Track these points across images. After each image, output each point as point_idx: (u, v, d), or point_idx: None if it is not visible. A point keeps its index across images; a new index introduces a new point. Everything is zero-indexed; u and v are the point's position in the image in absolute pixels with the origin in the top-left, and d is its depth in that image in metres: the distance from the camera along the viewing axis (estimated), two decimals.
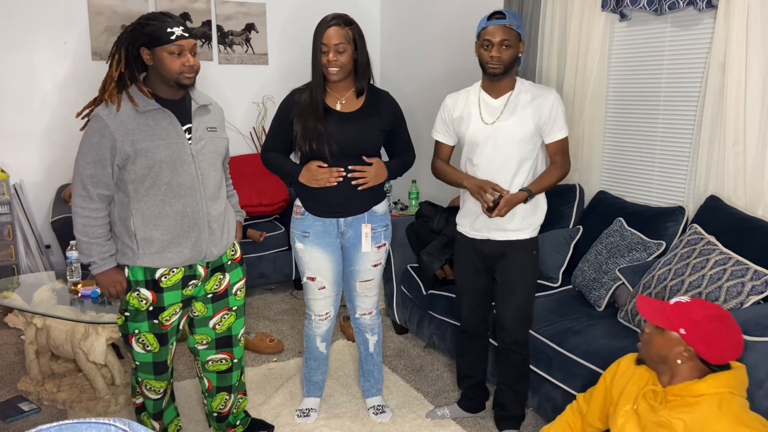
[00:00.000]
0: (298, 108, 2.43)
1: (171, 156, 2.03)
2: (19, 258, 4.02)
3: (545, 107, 2.33)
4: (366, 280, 2.60)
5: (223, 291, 2.29)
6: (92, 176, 2.01)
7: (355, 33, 2.34)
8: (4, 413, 2.79)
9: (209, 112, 2.18)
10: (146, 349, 2.18)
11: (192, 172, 2.08)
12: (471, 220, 2.48)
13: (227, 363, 2.39)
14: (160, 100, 2.05)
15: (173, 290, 2.14)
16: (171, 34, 1.96)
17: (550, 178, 2.39)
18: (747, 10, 2.53)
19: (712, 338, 1.62)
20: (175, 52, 1.97)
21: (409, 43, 4.80)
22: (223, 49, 4.65)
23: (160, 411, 2.35)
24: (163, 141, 2.02)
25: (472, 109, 2.42)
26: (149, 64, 2.00)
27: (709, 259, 2.38)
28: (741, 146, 2.62)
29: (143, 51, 1.99)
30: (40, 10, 4.06)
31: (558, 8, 3.36)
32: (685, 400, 1.63)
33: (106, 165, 2.00)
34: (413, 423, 2.72)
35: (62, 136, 4.21)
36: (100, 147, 1.98)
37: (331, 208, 2.47)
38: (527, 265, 2.45)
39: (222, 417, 2.50)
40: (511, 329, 2.48)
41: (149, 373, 2.23)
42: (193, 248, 2.12)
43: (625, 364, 1.87)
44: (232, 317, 2.34)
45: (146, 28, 1.98)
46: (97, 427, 0.75)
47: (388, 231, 2.60)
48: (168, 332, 2.19)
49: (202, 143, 2.12)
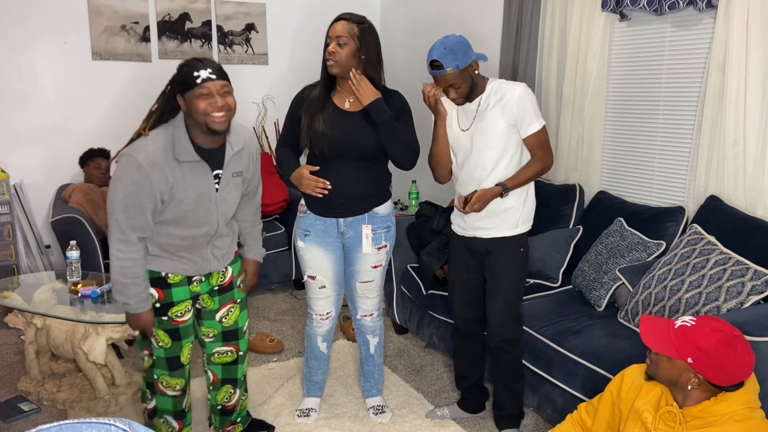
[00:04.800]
0: (306, 104, 2.45)
1: (198, 206, 2.07)
2: (19, 258, 4.02)
3: (511, 103, 2.31)
4: (366, 281, 2.60)
5: (228, 283, 2.33)
6: (129, 220, 1.99)
7: (362, 31, 2.33)
8: (4, 413, 2.79)
9: (240, 157, 2.18)
10: (158, 345, 2.20)
11: (212, 218, 2.13)
12: (460, 218, 2.51)
13: (233, 355, 2.42)
14: (198, 150, 2.04)
15: (181, 286, 2.18)
16: (198, 77, 1.93)
17: (528, 172, 2.37)
18: (747, 10, 2.53)
19: (721, 365, 1.57)
20: (204, 94, 1.93)
21: (409, 43, 4.80)
22: (223, 49, 4.65)
23: (181, 410, 2.35)
24: (194, 192, 2.05)
25: (452, 113, 2.47)
26: (183, 110, 2.00)
27: (709, 259, 2.38)
28: (741, 146, 2.62)
29: (179, 98, 1.99)
30: (40, 10, 4.06)
31: (558, 8, 3.36)
32: (705, 420, 1.60)
33: (145, 211, 1.99)
34: (413, 423, 2.72)
35: (62, 136, 4.21)
36: (139, 195, 1.96)
37: (332, 208, 2.47)
38: (513, 262, 2.46)
39: (227, 410, 2.51)
40: (498, 327, 2.48)
41: (163, 368, 2.25)
42: (195, 267, 2.18)
43: (630, 377, 1.83)
44: (237, 310, 2.38)
45: (179, 76, 1.98)
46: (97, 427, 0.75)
47: (390, 233, 2.58)
48: (180, 329, 2.21)
49: (227, 190, 2.15)
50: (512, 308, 2.49)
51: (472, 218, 2.44)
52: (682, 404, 1.66)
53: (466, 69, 2.28)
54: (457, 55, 2.25)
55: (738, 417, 1.56)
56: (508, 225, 2.42)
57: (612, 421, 1.86)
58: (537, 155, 2.37)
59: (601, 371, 2.32)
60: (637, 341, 2.25)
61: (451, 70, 2.24)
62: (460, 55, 2.25)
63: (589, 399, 2.05)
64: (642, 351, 1.85)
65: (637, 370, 1.83)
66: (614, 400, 1.85)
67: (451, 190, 2.56)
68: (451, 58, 2.24)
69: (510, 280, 2.46)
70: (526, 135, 2.35)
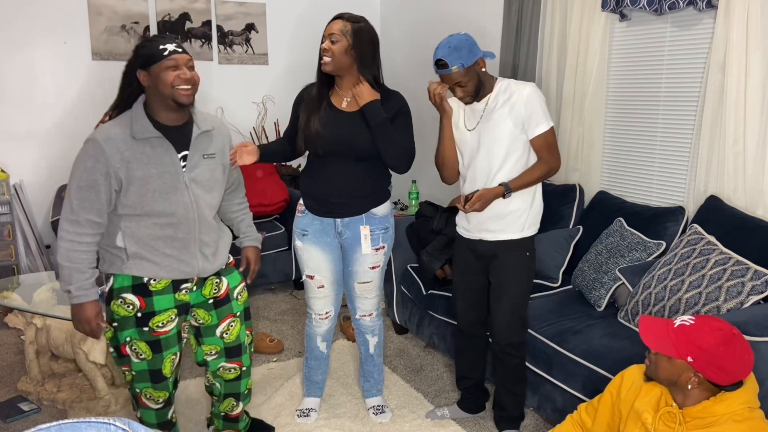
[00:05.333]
0: (304, 103, 2.46)
1: (164, 186, 1.99)
2: (19, 258, 4.02)
3: (519, 103, 2.28)
4: (364, 282, 2.59)
5: (224, 295, 2.23)
6: (82, 200, 1.94)
7: (356, 29, 2.32)
8: (4, 413, 2.79)
9: (211, 138, 2.13)
10: (139, 357, 2.10)
11: (185, 200, 2.04)
12: (465, 219, 2.49)
13: (236, 372, 2.35)
14: (160, 127, 2.01)
15: (164, 294, 2.07)
16: (164, 50, 1.94)
17: (533, 174, 2.33)
18: (747, 11, 2.53)
19: (721, 363, 1.57)
20: (171, 66, 1.94)
21: (409, 44, 4.80)
22: (223, 49, 4.65)
23: (166, 420, 2.27)
24: (156, 170, 1.98)
25: (459, 113, 2.45)
26: (146, 85, 1.98)
27: (709, 259, 2.38)
28: (741, 146, 2.62)
29: (140, 74, 1.96)
30: (41, 10, 4.06)
31: (558, 8, 3.36)
32: (705, 420, 1.60)
33: (100, 191, 1.94)
34: (413, 423, 2.72)
35: (62, 136, 4.21)
36: (93, 171, 1.93)
37: (329, 208, 2.47)
38: (519, 266, 2.42)
39: (230, 418, 2.47)
40: (504, 331, 2.46)
41: (146, 381, 2.15)
42: (184, 268, 2.08)
43: (629, 378, 1.83)
44: (238, 324, 2.28)
45: (143, 50, 1.97)
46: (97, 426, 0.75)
47: (388, 234, 2.57)
48: (162, 339, 2.10)
49: (197, 171, 2.07)
50: (518, 312, 2.45)
51: (477, 220, 2.41)
52: (682, 404, 1.66)
53: (472, 67, 2.26)
54: (462, 53, 2.23)
55: (737, 417, 1.56)
56: (513, 228, 2.39)
57: (612, 421, 1.86)
58: (543, 157, 2.33)
59: (601, 371, 2.31)
60: (637, 341, 2.25)
61: (456, 68, 2.23)
62: (465, 53, 2.24)
63: (589, 399, 2.05)
64: (642, 351, 1.85)
65: (637, 370, 1.83)
66: (614, 401, 1.85)
67: (451, 190, 2.56)
68: (455, 56, 2.23)
69: (516, 284, 2.42)
70: (532, 136, 2.31)
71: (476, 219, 2.41)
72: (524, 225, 2.40)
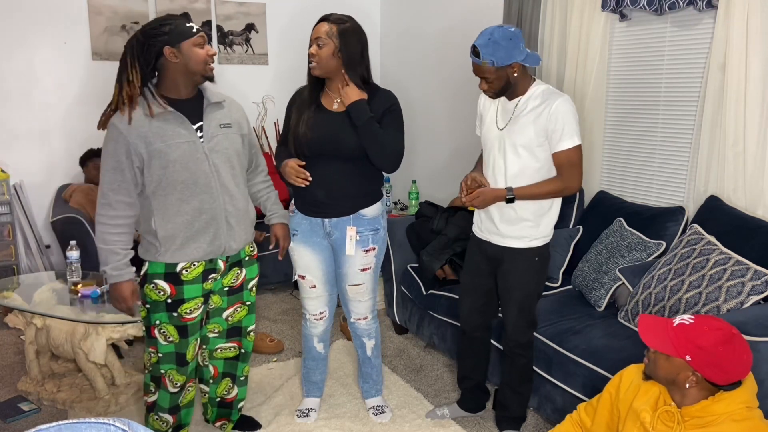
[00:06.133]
0: (296, 105, 2.47)
1: (183, 155, 2.07)
2: (19, 258, 4.02)
3: (544, 115, 2.19)
4: (355, 284, 2.57)
5: (239, 285, 2.35)
6: (111, 183, 2.06)
7: (341, 30, 2.30)
8: (4, 413, 2.79)
9: (222, 108, 2.21)
10: (168, 340, 2.22)
11: (206, 169, 2.12)
12: (479, 218, 2.48)
13: (235, 351, 2.46)
14: (171, 102, 2.09)
15: (194, 284, 2.18)
16: (191, 28, 2.05)
17: (543, 187, 2.25)
18: (747, 11, 2.53)
19: (719, 363, 1.57)
20: (200, 42, 2.05)
21: (409, 43, 4.80)
22: (223, 49, 4.65)
23: (176, 405, 2.36)
24: (174, 141, 2.06)
25: (491, 109, 2.39)
26: (173, 61, 2.03)
27: (709, 259, 2.38)
28: (741, 146, 2.62)
29: (166, 50, 2.02)
30: (41, 10, 4.06)
31: (558, 8, 3.36)
32: (703, 420, 1.60)
33: (124, 170, 2.05)
34: (413, 423, 2.72)
35: (62, 136, 4.21)
36: (116, 153, 2.04)
37: (317, 208, 2.47)
38: (527, 272, 2.38)
39: (225, 403, 2.53)
40: (512, 332, 2.47)
41: (172, 363, 2.26)
42: (212, 243, 2.17)
43: (628, 377, 1.83)
44: (245, 311, 2.41)
45: (164, 28, 2.02)
46: (97, 427, 0.75)
47: (378, 236, 2.53)
48: (189, 325, 2.22)
49: (216, 140, 2.15)
50: (525, 313, 2.43)
51: (489, 221, 2.39)
52: (680, 404, 1.66)
53: (504, 68, 2.17)
54: (499, 50, 2.13)
55: (736, 416, 1.56)
56: (522, 237, 2.34)
57: (611, 421, 1.86)
58: (562, 174, 2.24)
59: (601, 371, 2.32)
60: (637, 341, 2.25)
61: (486, 63, 2.16)
62: (502, 52, 2.13)
63: (589, 399, 2.05)
64: (642, 351, 1.85)
65: (636, 370, 1.83)
66: (613, 401, 1.85)
67: (451, 190, 2.56)
68: (490, 50, 2.13)
69: (522, 289, 2.39)
70: (554, 150, 2.21)
71: (488, 219, 2.40)
72: (533, 237, 2.35)
